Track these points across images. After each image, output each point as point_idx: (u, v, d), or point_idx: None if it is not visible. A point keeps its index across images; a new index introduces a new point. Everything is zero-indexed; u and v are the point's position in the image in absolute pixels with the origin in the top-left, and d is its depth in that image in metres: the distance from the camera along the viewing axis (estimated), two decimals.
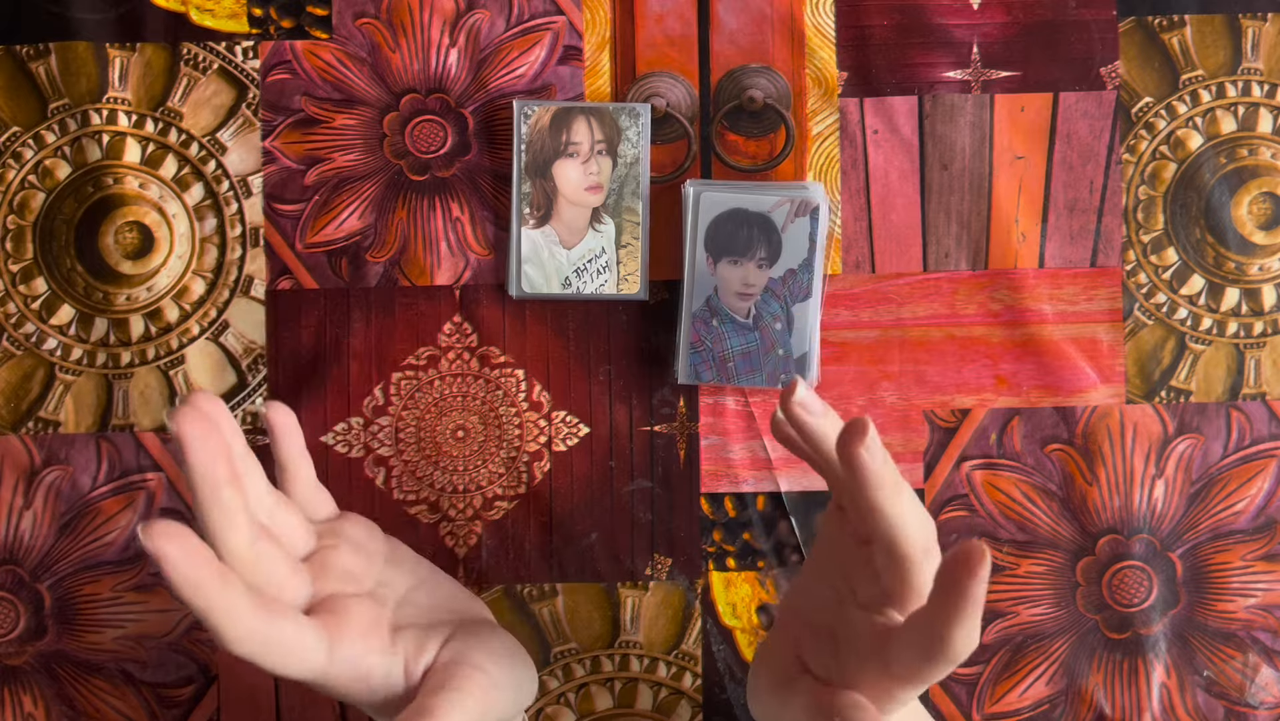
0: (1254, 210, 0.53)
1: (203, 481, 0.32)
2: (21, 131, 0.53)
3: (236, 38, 0.53)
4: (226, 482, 0.33)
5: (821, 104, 0.53)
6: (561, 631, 0.53)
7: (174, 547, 0.31)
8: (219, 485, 0.33)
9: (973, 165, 0.53)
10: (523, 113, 0.52)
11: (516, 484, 0.53)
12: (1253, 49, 0.53)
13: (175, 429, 0.32)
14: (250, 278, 0.53)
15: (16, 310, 0.53)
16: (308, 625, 0.35)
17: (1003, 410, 0.53)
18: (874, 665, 0.34)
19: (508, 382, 0.53)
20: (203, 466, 0.32)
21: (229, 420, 0.36)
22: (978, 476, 0.53)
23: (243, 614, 0.32)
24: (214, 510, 0.33)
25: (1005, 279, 0.53)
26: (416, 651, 0.39)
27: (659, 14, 0.53)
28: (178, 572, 0.31)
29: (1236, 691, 0.53)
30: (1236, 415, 0.53)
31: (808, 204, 0.50)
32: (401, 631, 0.39)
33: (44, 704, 0.53)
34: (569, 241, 0.52)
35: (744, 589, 0.53)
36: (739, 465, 0.53)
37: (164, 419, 0.32)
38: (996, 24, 0.53)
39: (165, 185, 0.53)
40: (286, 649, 0.34)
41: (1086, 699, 0.53)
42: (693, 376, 0.51)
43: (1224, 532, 0.53)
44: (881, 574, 0.35)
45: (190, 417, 0.32)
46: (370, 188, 0.53)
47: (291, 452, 0.42)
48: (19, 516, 0.53)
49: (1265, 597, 0.53)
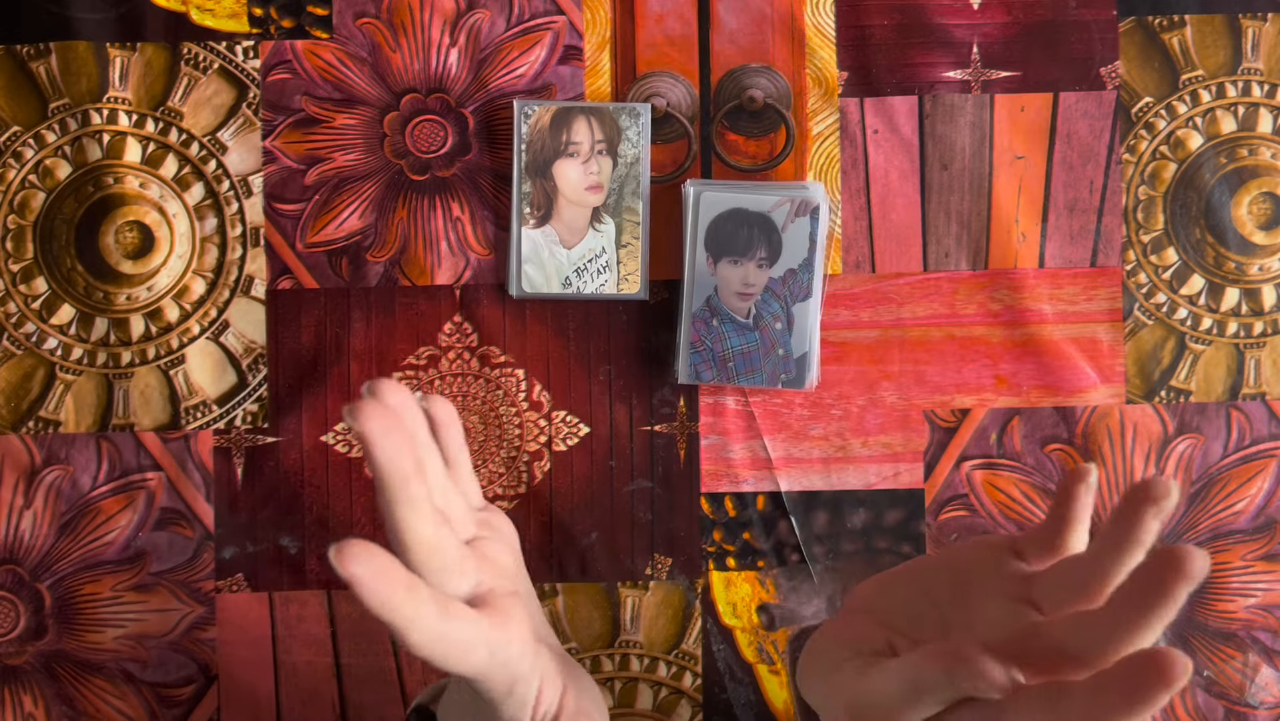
0: (1254, 210, 0.53)
1: (390, 476, 0.32)
2: (22, 131, 0.53)
3: (237, 37, 0.53)
4: (413, 475, 0.33)
5: (821, 104, 0.53)
6: (561, 631, 0.53)
7: (366, 571, 0.31)
8: (407, 480, 0.32)
9: (973, 165, 0.53)
10: (523, 112, 0.52)
11: (516, 484, 0.53)
12: (1253, 49, 0.53)
13: (358, 426, 0.31)
14: (250, 277, 0.53)
15: (17, 310, 0.53)
16: (479, 624, 0.35)
17: (1003, 410, 0.53)
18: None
19: (508, 382, 0.53)
20: (390, 462, 0.32)
21: (412, 408, 0.36)
22: (978, 476, 0.53)
23: (427, 619, 0.33)
24: (401, 503, 0.33)
25: (1005, 279, 0.53)
26: (547, 685, 0.39)
27: (659, 14, 0.53)
28: (373, 595, 0.31)
29: (1236, 691, 0.53)
30: (1236, 415, 0.53)
31: (808, 204, 0.50)
32: (539, 647, 0.39)
33: (44, 704, 0.53)
34: (569, 241, 0.52)
35: (744, 588, 0.53)
36: (739, 465, 0.53)
37: (344, 414, 0.31)
38: (996, 24, 0.53)
39: (166, 185, 0.53)
40: (461, 648, 0.34)
41: None
42: (693, 376, 0.51)
43: (1224, 532, 0.53)
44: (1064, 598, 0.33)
45: (373, 413, 0.31)
46: (370, 187, 0.53)
47: (454, 445, 0.42)
48: (19, 516, 0.53)
49: (1265, 597, 0.53)
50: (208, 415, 0.53)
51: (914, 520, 0.53)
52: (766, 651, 0.53)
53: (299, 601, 0.53)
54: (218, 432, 0.53)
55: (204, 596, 0.53)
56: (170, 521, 0.53)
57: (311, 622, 0.53)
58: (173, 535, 0.53)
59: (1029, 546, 0.36)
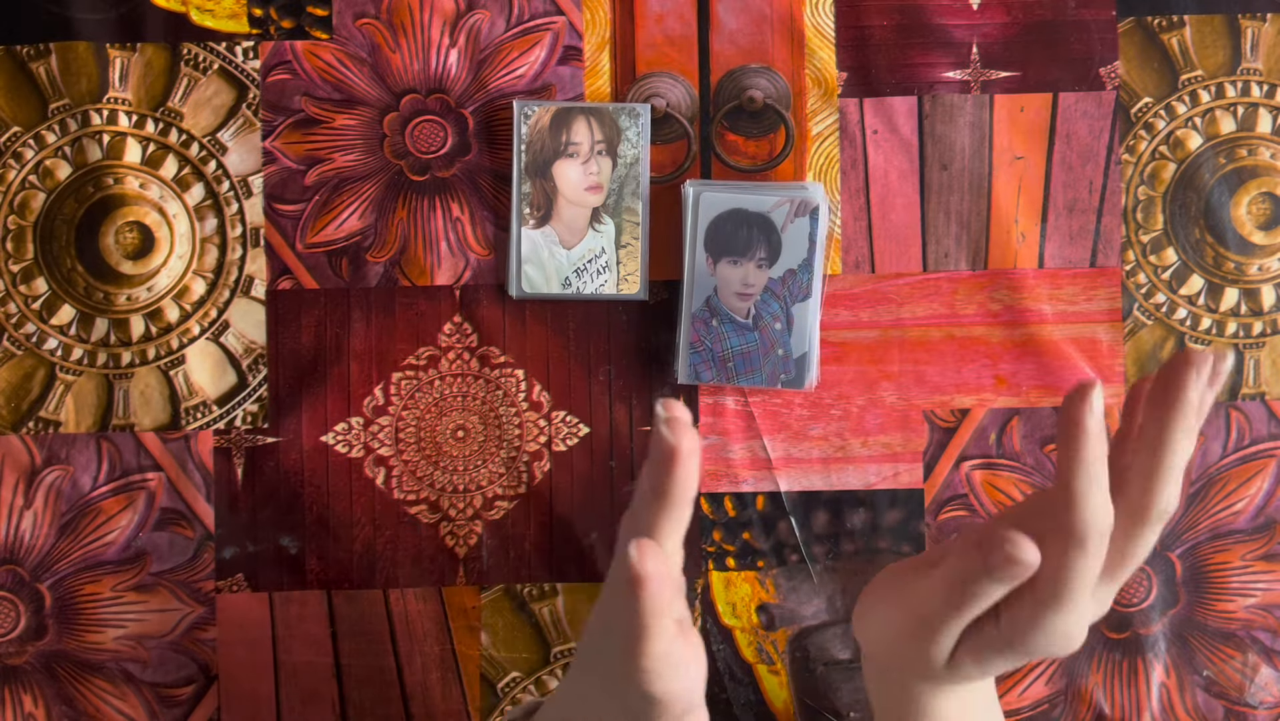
0: (1253, 210, 0.53)
1: (676, 494, 0.35)
2: (22, 131, 0.53)
3: (237, 38, 0.53)
4: (690, 499, 0.35)
5: (821, 104, 0.53)
6: (561, 631, 0.53)
7: (658, 571, 0.33)
8: (687, 502, 0.35)
9: (972, 165, 0.53)
10: (523, 113, 0.52)
11: (516, 484, 0.53)
12: (1252, 49, 0.53)
13: (675, 442, 0.34)
14: (250, 278, 0.53)
15: (17, 310, 0.53)
16: (694, 647, 0.37)
17: (1002, 410, 0.53)
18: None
19: (508, 383, 0.53)
20: (682, 484, 0.35)
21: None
22: (977, 476, 0.53)
23: (670, 630, 0.34)
24: (669, 520, 0.35)
25: (1005, 279, 0.53)
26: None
27: (659, 14, 0.53)
28: (653, 596, 0.33)
29: (1236, 691, 0.53)
30: (1236, 415, 0.53)
31: (807, 204, 0.50)
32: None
33: (44, 704, 0.53)
34: (569, 241, 0.52)
35: (744, 588, 0.53)
36: (739, 465, 0.53)
37: (658, 422, 0.35)
38: (996, 24, 0.53)
39: (166, 185, 0.53)
40: (680, 666, 0.35)
41: (1086, 698, 0.53)
42: (693, 376, 0.51)
43: (1223, 532, 0.53)
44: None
45: (690, 435, 0.34)
46: (370, 188, 0.53)
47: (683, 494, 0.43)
48: (19, 516, 0.53)
49: (1265, 597, 0.53)
50: (208, 415, 0.53)
51: (914, 520, 0.53)
52: (766, 651, 0.53)
53: (299, 601, 0.53)
54: (218, 433, 0.53)
55: (204, 596, 0.53)
56: (170, 521, 0.53)
57: (311, 622, 0.53)
58: (173, 535, 0.53)
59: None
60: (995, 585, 0.35)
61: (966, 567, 0.36)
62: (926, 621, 0.38)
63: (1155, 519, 0.37)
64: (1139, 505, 0.37)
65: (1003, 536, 0.34)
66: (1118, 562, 0.38)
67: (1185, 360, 0.36)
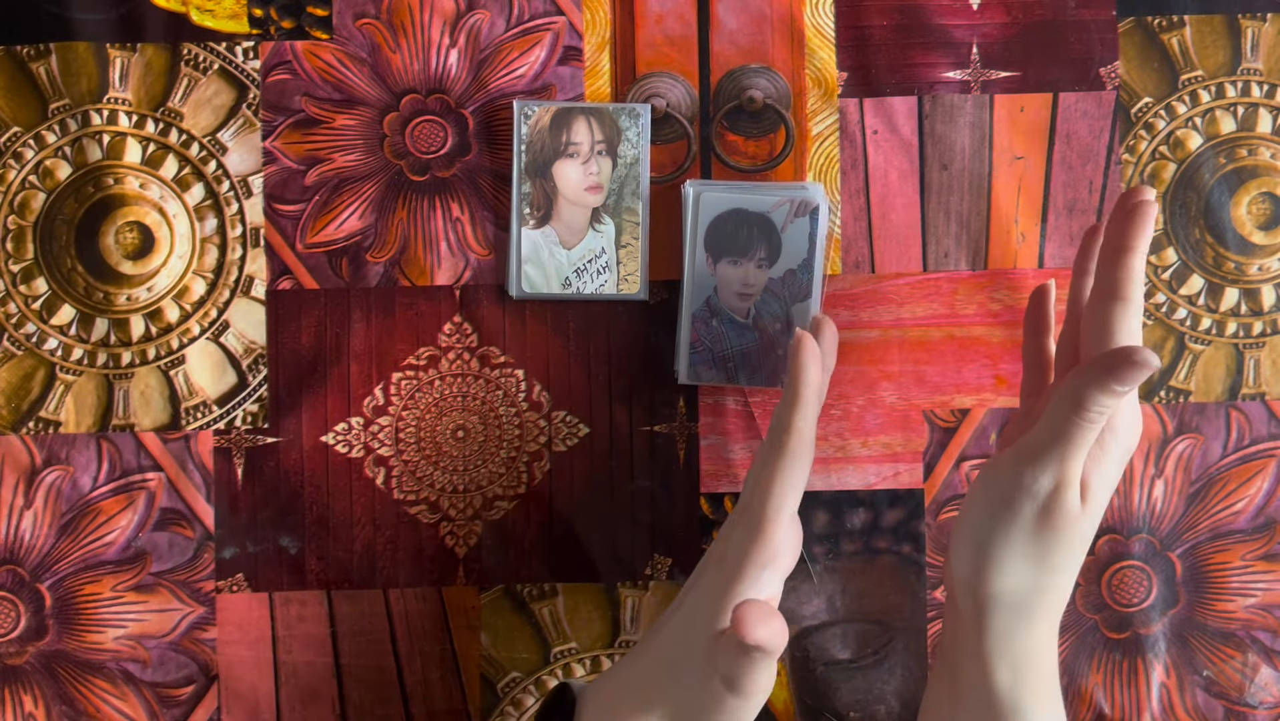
0: (1253, 210, 0.53)
1: (806, 386, 0.44)
2: (22, 131, 0.53)
3: (237, 38, 0.53)
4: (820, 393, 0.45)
5: (821, 104, 0.53)
6: (561, 631, 0.53)
7: (812, 352, 0.43)
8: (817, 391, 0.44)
9: (972, 165, 0.53)
10: (523, 113, 0.52)
11: (516, 484, 0.53)
12: (1252, 49, 0.53)
13: (806, 351, 0.44)
14: (251, 278, 0.53)
15: (17, 310, 0.53)
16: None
17: (1002, 410, 0.53)
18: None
19: (508, 382, 0.53)
20: (811, 376, 0.44)
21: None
22: None
23: (812, 426, 0.43)
24: (809, 406, 0.44)
25: (1005, 279, 0.53)
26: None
27: (659, 14, 0.53)
28: (811, 366, 0.43)
29: (1236, 691, 0.53)
30: (1236, 415, 0.53)
31: (807, 204, 0.50)
32: None
33: (44, 704, 0.53)
34: (569, 241, 0.52)
35: None
36: (739, 465, 0.53)
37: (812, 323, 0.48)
38: (996, 24, 0.53)
39: (166, 185, 0.53)
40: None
41: (1086, 698, 0.53)
42: (693, 376, 0.51)
43: (1223, 532, 0.53)
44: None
45: (812, 345, 0.44)
46: (370, 188, 0.53)
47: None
48: (19, 516, 0.53)
49: (1265, 597, 0.53)
50: (208, 415, 0.53)
51: (914, 520, 0.53)
52: None
53: (299, 601, 0.53)
54: (218, 433, 0.53)
55: (204, 596, 0.53)
56: (170, 521, 0.53)
57: (311, 622, 0.53)
58: (173, 535, 0.53)
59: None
60: (1116, 397, 0.39)
61: (1081, 390, 0.39)
62: (1041, 458, 0.41)
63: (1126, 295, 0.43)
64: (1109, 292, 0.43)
65: (1125, 351, 0.38)
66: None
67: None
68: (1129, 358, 0.38)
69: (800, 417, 0.43)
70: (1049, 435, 0.41)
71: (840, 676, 0.53)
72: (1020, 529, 0.41)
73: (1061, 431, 0.40)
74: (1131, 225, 0.43)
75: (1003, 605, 0.42)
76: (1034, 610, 0.42)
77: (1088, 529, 0.42)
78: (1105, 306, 0.43)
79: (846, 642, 0.53)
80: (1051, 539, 0.41)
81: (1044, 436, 0.41)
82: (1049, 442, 0.41)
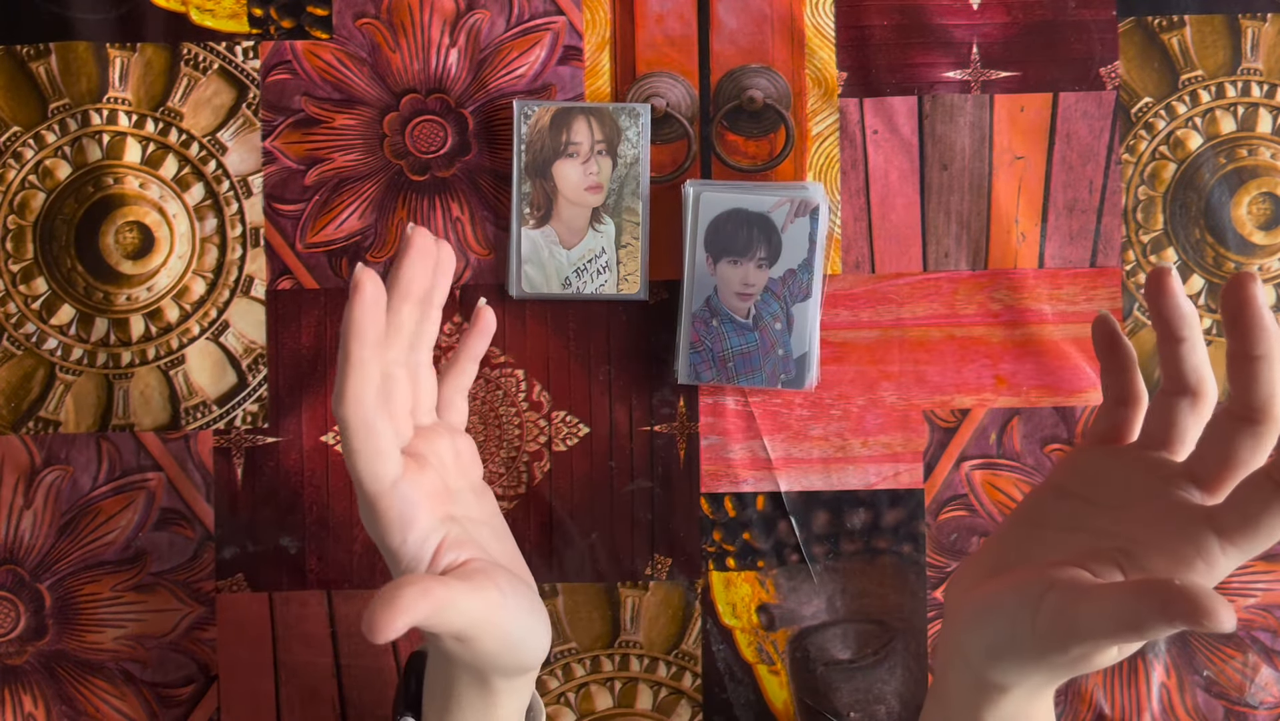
0: (1253, 210, 0.53)
1: (406, 285, 0.42)
2: (22, 131, 0.53)
3: (237, 38, 0.53)
4: (419, 299, 0.42)
5: (821, 104, 0.53)
6: (562, 631, 0.53)
7: (372, 287, 0.36)
8: (411, 298, 0.42)
9: (972, 165, 0.53)
10: (523, 113, 0.52)
11: (516, 484, 0.53)
12: (1252, 49, 0.53)
13: (410, 236, 0.41)
14: (250, 278, 0.53)
15: (17, 310, 0.53)
16: (398, 441, 0.39)
17: (1002, 410, 0.53)
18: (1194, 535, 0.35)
19: (508, 382, 0.53)
20: (411, 275, 0.42)
21: (448, 276, 0.47)
22: (977, 476, 0.53)
23: (371, 382, 0.36)
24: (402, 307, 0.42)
25: (1005, 279, 0.53)
26: (453, 546, 0.40)
27: (659, 14, 0.53)
28: (363, 312, 0.36)
29: (1236, 691, 0.53)
30: None
31: (807, 204, 0.50)
32: (454, 522, 0.41)
33: (44, 704, 0.53)
34: (569, 241, 0.52)
35: (744, 589, 0.53)
36: (739, 465, 0.53)
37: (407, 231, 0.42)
38: (996, 24, 0.53)
39: (165, 185, 0.53)
40: (378, 446, 0.37)
41: (1086, 698, 0.53)
42: (693, 376, 0.51)
43: None
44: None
45: (422, 242, 0.42)
46: (370, 188, 0.53)
47: (471, 351, 0.50)
48: (19, 516, 0.53)
49: (1265, 597, 0.53)
50: (208, 415, 0.53)
51: (914, 520, 0.53)
52: (766, 651, 0.53)
53: (299, 601, 0.53)
54: (218, 433, 0.53)
55: (204, 596, 0.53)
56: (170, 521, 0.53)
57: (311, 622, 0.53)
58: (173, 535, 0.53)
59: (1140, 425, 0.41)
60: (1165, 629, 0.31)
61: (1139, 612, 0.31)
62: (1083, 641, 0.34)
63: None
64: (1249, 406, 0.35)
65: (1197, 595, 0.30)
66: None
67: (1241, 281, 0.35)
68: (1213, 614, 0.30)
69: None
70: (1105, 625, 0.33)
71: (840, 676, 0.53)
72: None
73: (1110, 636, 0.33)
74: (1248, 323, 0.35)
75: (1009, 695, 0.39)
76: (1043, 693, 0.40)
77: None
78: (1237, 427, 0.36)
79: (846, 642, 0.53)
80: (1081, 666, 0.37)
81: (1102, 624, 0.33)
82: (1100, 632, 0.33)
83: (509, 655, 0.41)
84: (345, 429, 0.37)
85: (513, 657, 0.41)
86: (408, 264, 0.42)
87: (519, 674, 0.43)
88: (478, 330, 0.50)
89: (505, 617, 0.39)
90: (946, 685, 0.43)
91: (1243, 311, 0.35)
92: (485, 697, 0.42)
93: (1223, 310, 0.35)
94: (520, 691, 0.44)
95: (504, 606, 0.39)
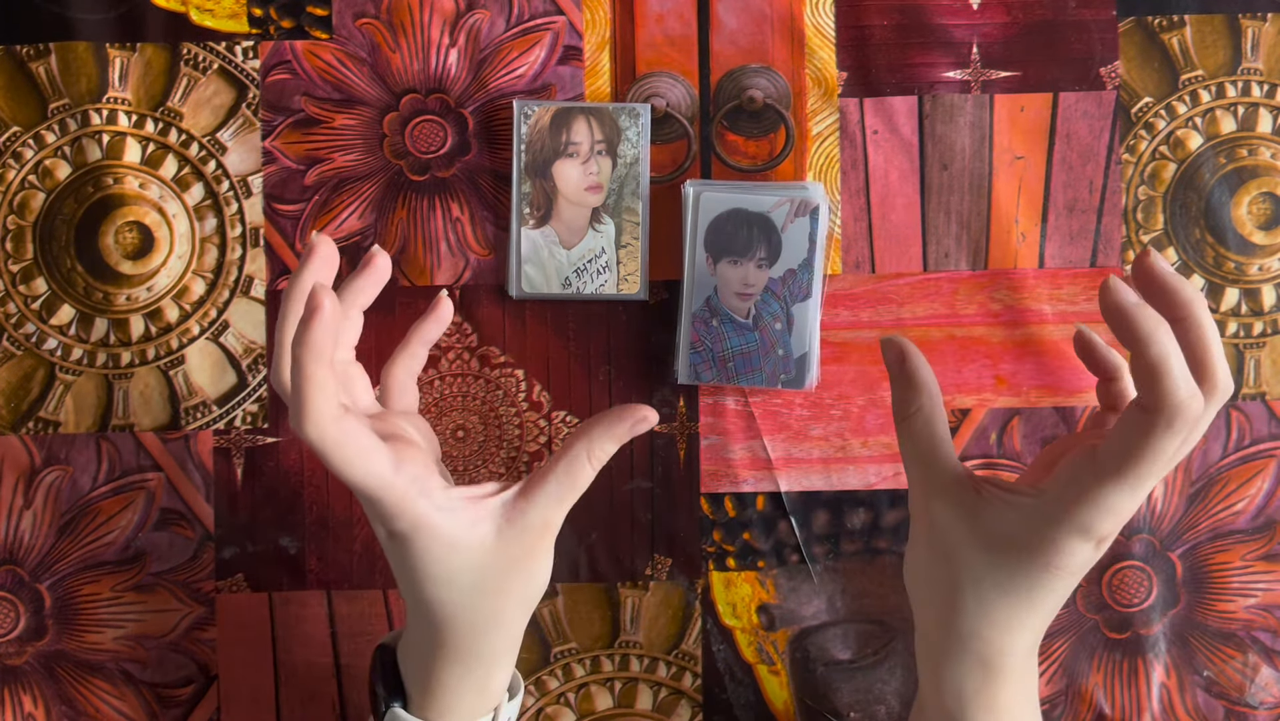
0: (1254, 210, 0.53)
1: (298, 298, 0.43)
2: (21, 131, 0.53)
3: (236, 38, 0.53)
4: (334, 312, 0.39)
5: (821, 104, 0.53)
6: (561, 631, 0.53)
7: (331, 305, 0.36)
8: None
9: (972, 165, 0.53)
10: (523, 113, 0.52)
11: None
12: (1252, 49, 0.53)
13: (312, 243, 0.43)
14: (250, 278, 0.53)
15: (16, 310, 0.53)
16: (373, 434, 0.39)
17: (1003, 410, 0.53)
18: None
19: (508, 382, 0.53)
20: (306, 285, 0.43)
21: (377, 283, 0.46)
22: None
23: (332, 397, 0.36)
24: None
25: (1005, 279, 0.53)
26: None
27: (659, 14, 0.53)
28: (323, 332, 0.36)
29: (1236, 691, 0.53)
30: (1236, 415, 0.53)
31: (807, 204, 0.50)
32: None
33: (44, 704, 0.53)
34: (569, 241, 0.52)
35: (744, 589, 0.53)
36: (739, 465, 0.53)
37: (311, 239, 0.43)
38: (996, 24, 0.53)
39: (165, 185, 0.53)
40: (361, 445, 0.38)
41: (1086, 698, 0.53)
42: (693, 376, 0.51)
43: (1224, 532, 0.53)
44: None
45: (324, 248, 0.43)
46: (370, 188, 0.53)
47: (423, 336, 0.49)
48: (19, 516, 0.53)
49: (1265, 597, 0.53)
50: (208, 415, 0.53)
51: None
52: (766, 651, 0.53)
53: (299, 601, 0.53)
54: (218, 433, 0.53)
55: (204, 596, 0.53)
56: (170, 521, 0.53)
57: (311, 622, 0.53)
58: (173, 535, 0.53)
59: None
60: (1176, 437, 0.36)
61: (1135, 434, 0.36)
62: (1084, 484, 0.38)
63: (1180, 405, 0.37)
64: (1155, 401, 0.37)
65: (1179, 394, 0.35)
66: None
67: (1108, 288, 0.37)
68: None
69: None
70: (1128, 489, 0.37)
71: (840, 676, 0.53)
72: (1056, 594, 0.40)
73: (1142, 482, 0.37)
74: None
75: (1020, 659, 0.41)
76: (1032, 655, 0.42)
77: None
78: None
79: (846, 642, 0.53)
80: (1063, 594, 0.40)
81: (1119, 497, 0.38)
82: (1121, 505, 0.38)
83: (449, 556, 0.41)
84: (319, 448, 0.37)
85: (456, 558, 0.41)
86: (308, 274, 0.43)
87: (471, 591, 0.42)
88: (433, 317, 0.49)
89: (430, 510, 0.40)
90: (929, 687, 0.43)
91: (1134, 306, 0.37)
92: (465, 676, 0.42)
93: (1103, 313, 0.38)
94: (501, 665, 0.44)
95: (430, 495, 0.40)
